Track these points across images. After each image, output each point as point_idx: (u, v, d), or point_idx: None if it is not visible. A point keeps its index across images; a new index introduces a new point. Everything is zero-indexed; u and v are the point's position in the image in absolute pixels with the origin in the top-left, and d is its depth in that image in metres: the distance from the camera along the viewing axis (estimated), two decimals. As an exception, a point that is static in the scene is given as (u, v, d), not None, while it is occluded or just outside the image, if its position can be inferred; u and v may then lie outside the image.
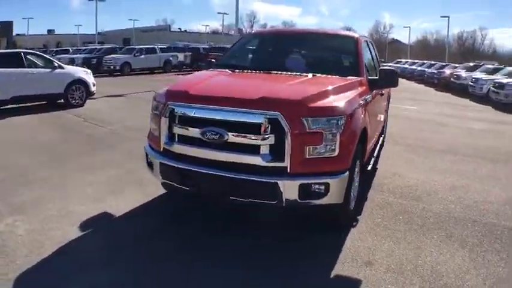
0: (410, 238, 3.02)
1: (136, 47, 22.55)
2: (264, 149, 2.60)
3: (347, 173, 2.75)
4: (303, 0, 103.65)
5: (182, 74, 21.38)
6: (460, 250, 2.85)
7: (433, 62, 26.62)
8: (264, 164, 2.61)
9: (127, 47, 25.09)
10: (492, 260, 2.71)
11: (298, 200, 2.63)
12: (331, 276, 2.51)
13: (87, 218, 3.22)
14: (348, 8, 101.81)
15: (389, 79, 3.66)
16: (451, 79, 17.43)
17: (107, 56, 20.43)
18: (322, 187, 2.65)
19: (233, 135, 2.64)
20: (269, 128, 2.58)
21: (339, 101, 2.80)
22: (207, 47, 27.10)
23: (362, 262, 2.65)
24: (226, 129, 2.65)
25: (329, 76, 3.41)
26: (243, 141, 2.63)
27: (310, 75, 3.39)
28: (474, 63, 20.71)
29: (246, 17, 69.32)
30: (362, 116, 3.07)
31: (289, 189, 2.60)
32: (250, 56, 4.27)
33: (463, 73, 17.03)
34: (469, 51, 57.58)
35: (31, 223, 3.08)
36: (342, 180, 2.71)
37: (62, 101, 8.91)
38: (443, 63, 25.07)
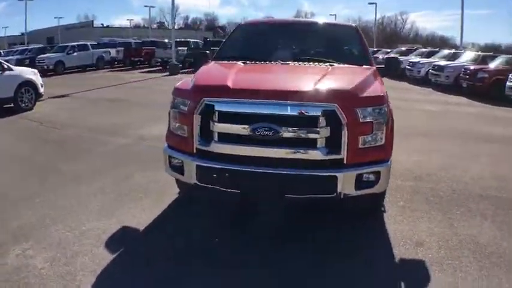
0: (438, 216, 3.29)
1: (69, 44, 21.37)
2: (321, 142, 2.59)
3: (391, 160, 2.90)
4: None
5: (117, 71, 20.08)
6: (484, 222, 3.19)
7: None
8: (321, 157, 2.60)
9: (59, 45, 23.71)
10: None
11: (354, 191, 2.70)
12: (397, 260, 2.64)
13: (109, 237, 2.88)
14: None
15: (393, 67, 3.90)
16: (387, 64, 19.22)
17: (40, 56, 19.57)
18: (373, 176, 2.74)
19: (288, 129, 2.57)
20: (325, 120, 2.59)
21: (379, 90, 2.90)
22: (139, 41, 26.26)
23: (413, 243, 2.83)
24: (279, 124, 2.57)
25: (349, 66, 3.52)
26: (299, 135, 2.59)
27: (328, 65, 3.46)
28: (407, 48, 22.98)
29: (168, 10, 68.24)
30: (390, 104, 3.25)
31: (347, 180, 2.63)
32: (254, 46, 4.16)
33: (398, 57, 18.86)
34: (391, 36, 62.40)
35: (47, 250, 2.65)
36: (389, 167, 2.83)
37: (12, 105, 7.99)
38: (375, 49, 27.59)
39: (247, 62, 3.56)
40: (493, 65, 12.43)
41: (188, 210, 3.45)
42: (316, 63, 3.48)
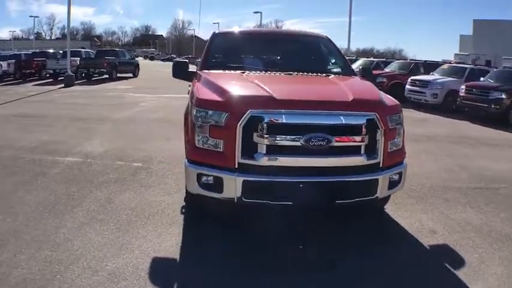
0: (428, 208, 3.85)
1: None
2: (363, 148, 2.84)
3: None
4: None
5: (9, 84, 17.16)
6: (468, 209, 3.85)
7: None
8: (364, 162, 2.85)
9: None
10: (494, 212, 3.77)
11: (387, 191, 3.02)
12: (425, 246, 3.07)
13: (149, 273, 2.53)
14: (142, 6, 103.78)
15: (368, 75, 4.40)
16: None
17: None
18: (398, 176, 3.11)
19: (337, 138, 2.74)
20: (366, 128, 2.83)
21: (393, 99, 3.30)
22: (29, 52, 23.46)
23: (427, 231, 3.31)
24: (331, 133, 2.72)
25: (346, 76, 3.86)
26: (346, 143, 2.78)
27: (326, 76, 3.75)
28: None
29: (46, 20, 62.44)
30: None
31: (384, 182, 2.94)
32: (245, 56, 4.19)
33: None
34: None
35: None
36: (406, 168, 3.25)
37: None
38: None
39: (251, 72, 3.62)
40: (388, 70, 14.67)
41: (208, 225, 3.27)
42: (313, 74, 3.73)
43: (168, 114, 8.97)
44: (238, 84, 3.12)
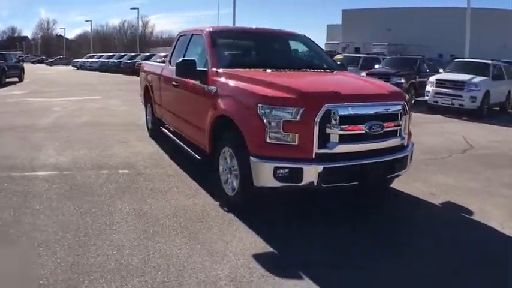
0: (415, 177, 4.65)
1: None
2: (398, 131, 3.49)
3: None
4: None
5: None
6: (440, 175, 4.89)
7: (133, 54, 31.90)
8: (399, 142, 3.51)
9: None
10: (458, 175, 4.98)
11: (410, 164, 3.80)
12: (437, 204, 3.93)
13: (269, 273, 2.59)
14: (6, 8, 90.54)
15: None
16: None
17: None
18: (411, 155, 3.91)
19: (386, 124, 3.33)
20: (400, 114, 3.51)
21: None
22: None
23: (428, 194, 4.19)
24: (383, 121, 3.29)
25: (344, 71, 4.52)
26: (391, 128, 3.39)
27: (329, 71, 4.37)
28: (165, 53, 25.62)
29: None
30: None
31: (409, 157, 3.68)
32: (251, 54, 4.41)
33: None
34: (132, 40, 63.75)
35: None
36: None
37: None
38: (133, 54, 29.89)
39: (266, 69, 3.94)
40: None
41: (265, 216, 3.41)
42: (318, 70, 4.30)
43: (94, 118, 8.38)
44: (296, 81, 3.44)
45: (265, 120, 3.08)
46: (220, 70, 3.90)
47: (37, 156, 5.22)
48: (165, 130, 5.73)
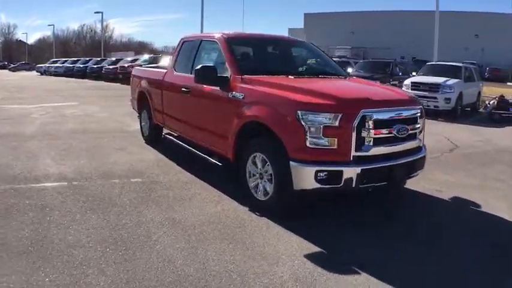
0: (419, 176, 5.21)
1: None
2: (416, 134, 3.78)
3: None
4: None
5: None
6: (438, 173, 5.25)
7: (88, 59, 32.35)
8: (417, 144, 3.80)
9: None
10: (454, 172, 5.42)
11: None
12: (448, 198, 4.30)
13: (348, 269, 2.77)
14: None
15: None
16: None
17: None
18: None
19: (409, 127, 3.59)
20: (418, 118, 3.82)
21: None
22: None
23: (435, 191, 4.52)
24: (407, 124, 3.56)
25: (353, 78, 4.80)
26: (412, 131, 3.65)
27: (342, 77, 4.64)
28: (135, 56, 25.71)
29: None
30: None
31: (425, 158, 4.03)
32: (270, 61, 4.55)
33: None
34: (98, 44, 62.98)
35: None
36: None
37: None
38: (98, 59, 29.79)
39: (293, 76, 4.14)
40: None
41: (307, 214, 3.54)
42: (329, 76, 4.55)
43: (80, 125, 8.14)
44: (330, 88, 3.67)
45: (305, 126, 3.23)
46: (245, 76, 4.01)
47: (36, 166, 5.02)
48: (170, 137, 5.72)
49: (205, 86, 4.39)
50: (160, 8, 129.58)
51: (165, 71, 5.78)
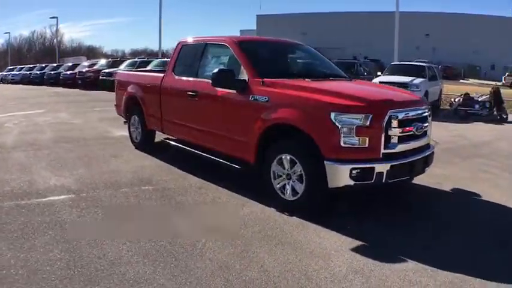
0: None
1: None
2: (426, 132, 4.14)
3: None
4: None
5: None
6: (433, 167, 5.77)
7: (45, 65, 31.66)
8: (427, 141, 4.14)
9: None
10: (448, 166, 5.56)
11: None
12: (449, 189, 4.71)
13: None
14: None
15: None
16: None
17: None
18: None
19: (424, 125, 3.92)
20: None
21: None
22: None
23: (436, 184, 4.89)
24: (423, 122, 3.89)
25: (357, 79, 5.12)
26: (425, 128, 3.98)
27: (348, 79, 4.94)
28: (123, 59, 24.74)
29: None
30: None
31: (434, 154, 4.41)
32: (281, 64, 4.71)
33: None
34: (49, 50, 60.84)
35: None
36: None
37: None
38: (70, 64, 28.44)
39: (309, 79, 4.34)
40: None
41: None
42: (338, 78, 4.83)
43: (59, 133, 7.81)
44: (356, 91, 3.96)
45: (339, 127, 3.43)
46: (266, 80, 4.12)
47: (33, 179, 4.75)
48: (174, 143, 5.66)
49: (218, 89, 4.45)
50: (108, 12, 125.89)
51: (162, 75, 5.72)
